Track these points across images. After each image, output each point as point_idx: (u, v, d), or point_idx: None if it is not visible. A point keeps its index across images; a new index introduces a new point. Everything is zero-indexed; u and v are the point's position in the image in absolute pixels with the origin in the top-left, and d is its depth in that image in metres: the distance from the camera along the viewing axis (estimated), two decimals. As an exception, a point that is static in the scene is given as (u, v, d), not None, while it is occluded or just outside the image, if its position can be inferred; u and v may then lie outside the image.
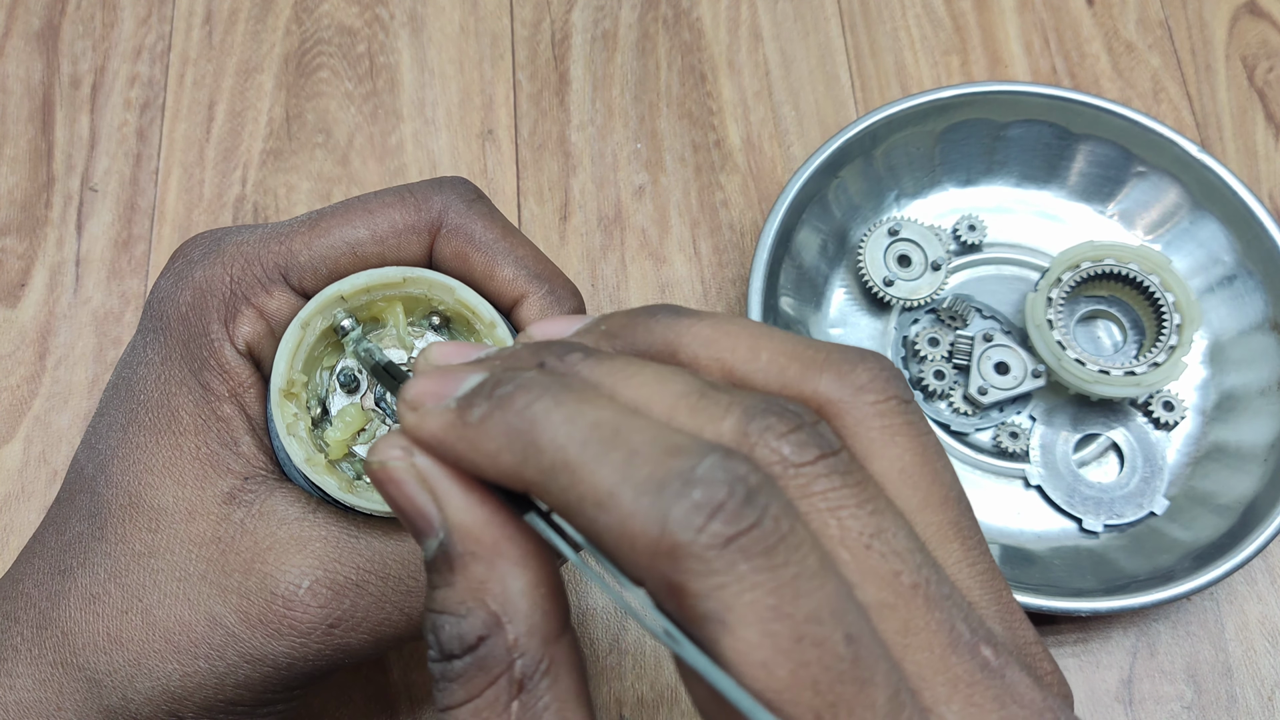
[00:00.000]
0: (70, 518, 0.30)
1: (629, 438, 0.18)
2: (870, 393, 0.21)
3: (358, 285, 0.29)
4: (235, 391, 0.30)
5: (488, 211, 0.31)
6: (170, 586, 0.29)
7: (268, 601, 0.28)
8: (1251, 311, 0.44)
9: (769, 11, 0.52)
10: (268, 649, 0.29)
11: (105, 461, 0.30)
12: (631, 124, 0.49)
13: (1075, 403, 0.44)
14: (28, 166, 0.48)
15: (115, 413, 0.30)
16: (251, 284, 0.30)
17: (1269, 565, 0.43)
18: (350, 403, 0.30)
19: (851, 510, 0.19)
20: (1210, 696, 0.41)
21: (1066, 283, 0.43)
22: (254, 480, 0.30)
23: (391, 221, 0.30)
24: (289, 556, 0.29)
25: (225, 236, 0.31)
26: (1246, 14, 0.52)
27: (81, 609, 0.29)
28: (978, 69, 0.51)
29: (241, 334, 0.30)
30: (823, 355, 0.21)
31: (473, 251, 0.31)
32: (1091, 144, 0.45)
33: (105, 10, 0.51)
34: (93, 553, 0.29)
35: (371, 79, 0.50)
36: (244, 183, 0.48)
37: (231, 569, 0.29)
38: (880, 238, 0.44)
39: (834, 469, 0.19)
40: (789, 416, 0.19)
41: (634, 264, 0.47)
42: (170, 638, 0.29)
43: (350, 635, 0.29)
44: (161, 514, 0.29)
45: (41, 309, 0.46)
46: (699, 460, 0.18)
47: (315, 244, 0.30)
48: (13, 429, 0.44)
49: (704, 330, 0.21)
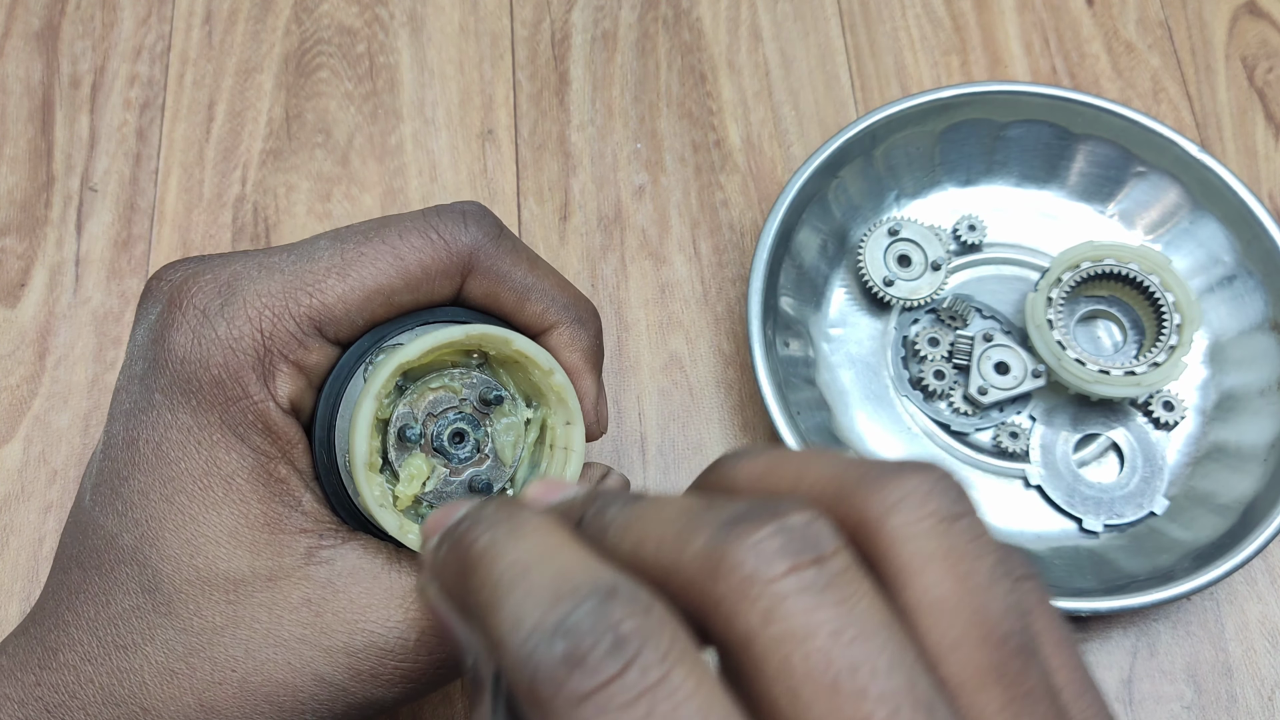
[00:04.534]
0: (113, 590, 0.29)
1: (534, 578, 0.17)
2: (902, 512, 0.18)
3: (424, 349, 0.29)
4: (285, 451, 0.29)
5: (513, 247, 0.31)
6: (266, 653, 0.28)
7: (380, 658, 0.29)
8: (1251, 311, 0.44)
9: (769, 11, 0.52)
10: (378, 696, 0.29)
11: (152, 534, 0.29)
12: (631, 124, 0.49)
13: (1075, 403, 0.44)
14: (27, 166, 0.48)
15: (146, 478, 0.29)
16: (286, 340, 0.29)
17: (1269, 565, 0.43)
18: (413, 454, 0.30)
19: (820, 641, 0.16)
20: (1210, 696, 0.41)
21: (1066, 283, 0.43)
22: (328, 536, 0.29)
23: (423, 266, 0.30)
24: (391, 611, 0.29)
25: (238, 281, 0.29)
26: (1246, 14, 0.52)
27: (161, 684, 0.28)
28: (978, 69, 0.51)
29: (283, 392, 0.29)
30: (860, 472, 0.19)
31: (503, 291, 0.31)
32: (1091, 144, 0.45)
33: (105, 10, 0.51)
34: (160, 629, 0.29)
35: (371, 79, 0.50)
36: (244, 183, 0.48)
37: (332, 630, 0.29)
38: (880, 238, 0.44)
39: (808, 585, 0.17)
40: (763, 518, 0.17)
41: (634, 264, 0.47)
42: (273, 700, 0.28)
43: (453, 669, 0.30)
44: (239, 584, 0.29)
45: (41, 309, 0.46)
46: (578, 604, 0.17)
47: (350, 298, 0.29)
48: (13, 429, 0.44)
49: (759, 466, 0.20)
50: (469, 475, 0.31)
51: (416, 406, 0.30)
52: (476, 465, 0.31)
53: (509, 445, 0.31)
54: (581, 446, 0.31)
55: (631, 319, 0.46)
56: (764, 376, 0.40)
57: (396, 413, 0.30)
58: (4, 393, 0.44)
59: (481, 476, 0.31)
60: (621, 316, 0.46)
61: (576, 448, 0.31)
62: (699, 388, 0.45)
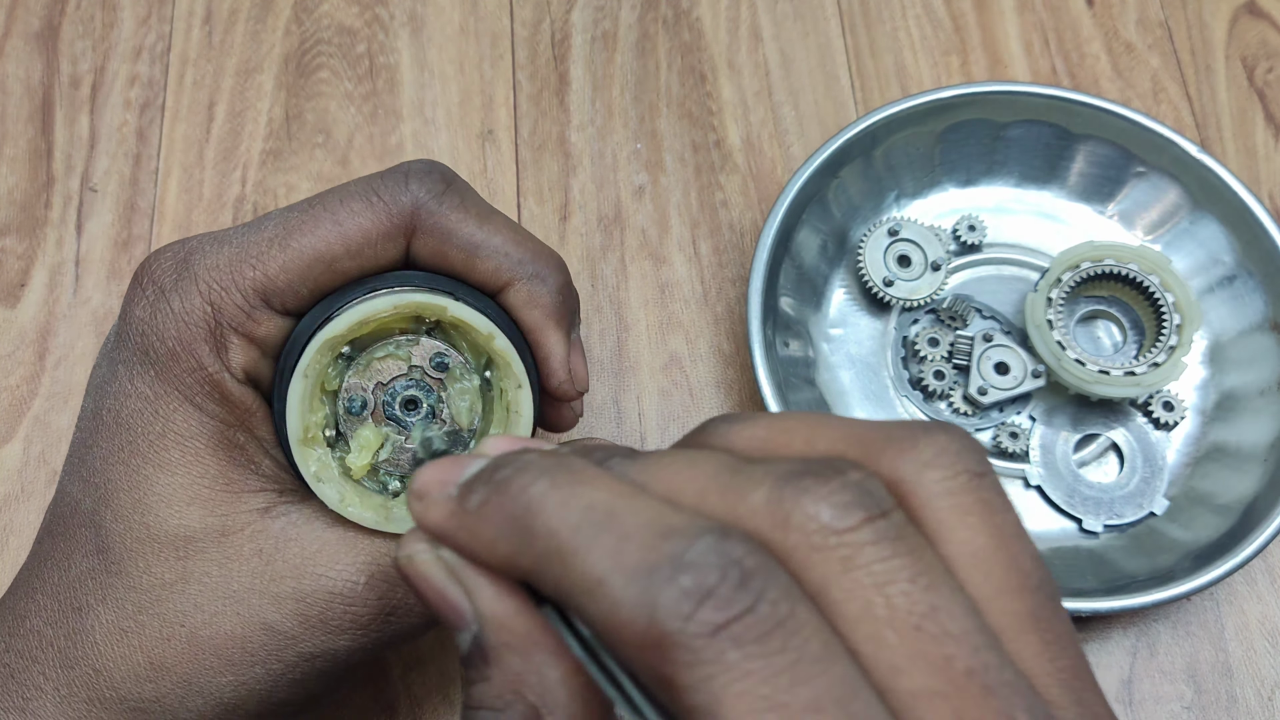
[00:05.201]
0: (72, 554, 0.30)
1: (623, 521, 0.17)
2: (937, 469, 0.19)
3: (351, 323, 0.29)
4: (243, 419, 0.30)
5: (459, 202, 0.31)
6: (215, 606, 0.29)
7: (327, 602, 0.29)
8: (1251, 311, 0.44)
9: (769, 11, 0.52)
10: (328, 645, 0.29)
11: (106, 495, 0.29)
12: (631, 124, 0.49)
13: (1075, 403, 0.44)
14: (27, 166, 0.48)
15: (106, 445, 0.30)
16: (234, 312, 0.29)
17: (1269, 565, 0.43)
18: (365, 424, 0.30)
19: (902, 586, 0.17)
20: (1210, 696, 0.41)
21: (1066, 283, 0.43)
22: (286, 494, 0.30)
23: (364, 231, 0.30)
24: (340, 555, 0.29)
25: (192, 256, 0.30)
26: (1246, 14, 0.52)
27: (112, 644, 0.29)
28: (978, 69, 0.51)
29: (237, 363, 0.29)
30: (883, 434, 0.19)
31: (451, 250, 0.30)
32: (1091, 144, 0.45)
33: (105, 10, 0.51)
34: (111, 588, 0.29)
35: (371, 79, 0.50)
36: (244, 183, 0.48)
37: (281, 576, 0.29)
38: (880, 238, 0.44)
39: (882, 535, 0.17)
40: (828, 474, 0.18)
41: (634, 264, 0.47)
42: (222, 653, 0.28)
43: (404, 620, 0.30)
44: (189, 540, 0.29)
45: (41, 309, 0.46)
46: (691, 542, 0.17)
47: (291, 266, 0.29)
48: (13, 429, 0.44)
49: (760, 431, 0.21)
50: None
51: (364, 376, 0.30)
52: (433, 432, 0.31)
53: (464, 410, 0.31)
54: (529, 410, 0.30)
55: (631, 319, 0.46)
56: (764, 377, 0.40)
57: (345, 383, 0.30)
58: (4, 393, 0.44)
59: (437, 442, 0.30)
60: (621, 317, 0.46)
61: (524, 412, 0.30)
62: (699, 388, 0.45)
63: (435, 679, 0.41)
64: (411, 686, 0.40)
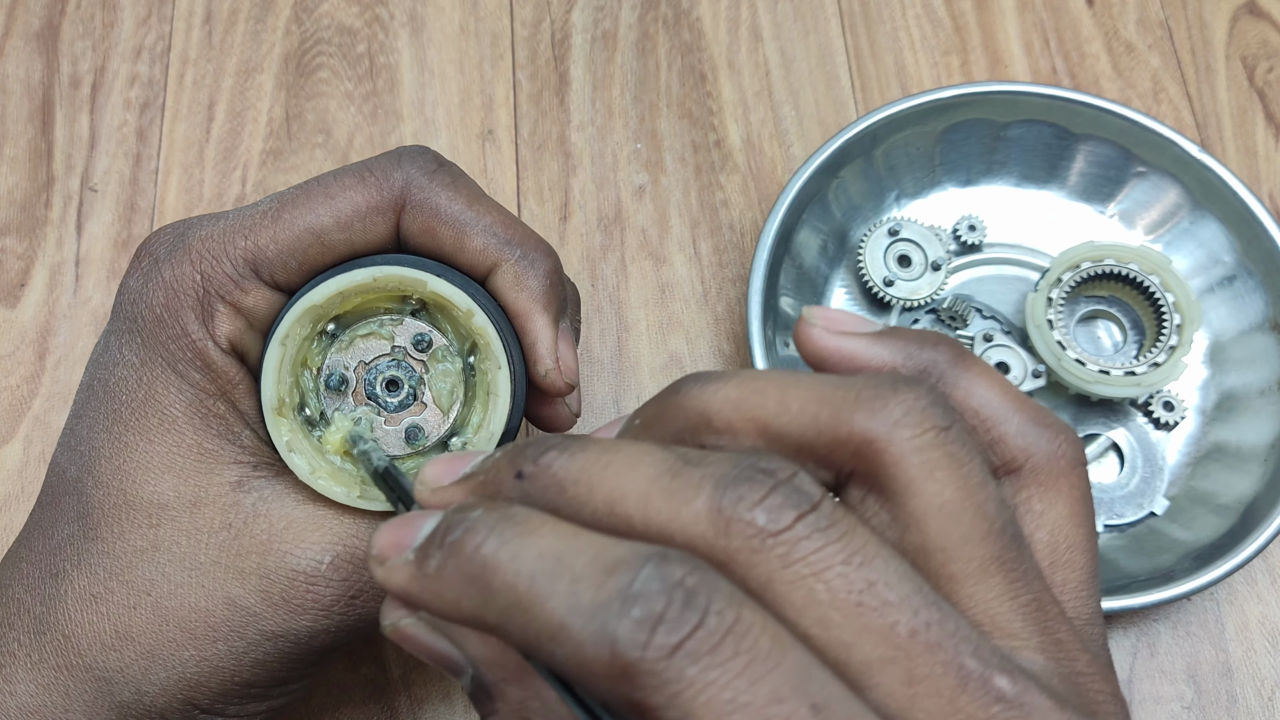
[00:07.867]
0: (56, 521, 0.30)
1: (570, 563, 0.18)
2: (905, 426, 0.20)
3: (329, 293, 0.29)
4: (225, 390, 0.30)
5: (450, 181, 0.31)
6: (181, 577, 0.29)
7: (290, 580, 0.29)
8: (1251, 311, 0.44)
9: (769, 11, 0.52)
10: (290, 625, 0.29)
11: (90, 462, 0.30)
12: (631, 124, 0.49)
13: (1075, 403, 0.44)
14: (28, 166, 0.48)
15: (94, 413, 0.30)
16: (223, 281, 0.29)
17: (1269, 565, 0.43)
18: (342, 404, 0.30)
19: (837, 569, 0.18)
20: (1210, 696, 0.41)
21: (1066, 283, 0.43)
22: (261, 468, 0.30)
23: (354, 204, 0.30)
24: (307, 534, 0.29)
25: (189, 230, 0.30)
26: (1246, 14, 0.52)
27: (82, 610, 0.29)
28: (978, 69, 0.51)
29: (222, 332, 0.30)
30: (853, 393, 0.20)
31: (439, 226, 0.30)
32: (1091, 144, 0.45)
33: (105, 10, 0.51)
34: (87, 554, 0.29)
35: (371, 79, 0.50)
36: (244, 183, 0.48)
37: (247, 551, 0.29)
38: (880, 238, 0.44)
39: (814, 528, 0.19)
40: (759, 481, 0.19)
41: (634, 264, 0.47)
42: (185, 626, 0.29)
43: (370, 604, 0.30)
44: (162, 509, 0.29)
45: (41, 309, 0.46)
46: (636, 573, 0.18)
47: (281, 237, 0.30)
48: (13, 429, 0.44)
49: (732, 392, 0.21)
50: (406, 424, 0.31)
51: (347, 354, 0.30)
52: (414, 414, 0.31)
53: (445, 392, 0.31)
54: (507, 392, 0.30)
55: (631, 319, 0.46)
56: (764, 376, 0.40)
57: (328, 360, 0.30)
58: (4, 393, 0.44)
59: (418, 425, 0.30)
60: (621, 316, 0.46)
61: (502, 394, 0.30)
62: (699, 388, 0.45)
63: (435, 679, 0.41)
64: (412, 686, 0.40)
